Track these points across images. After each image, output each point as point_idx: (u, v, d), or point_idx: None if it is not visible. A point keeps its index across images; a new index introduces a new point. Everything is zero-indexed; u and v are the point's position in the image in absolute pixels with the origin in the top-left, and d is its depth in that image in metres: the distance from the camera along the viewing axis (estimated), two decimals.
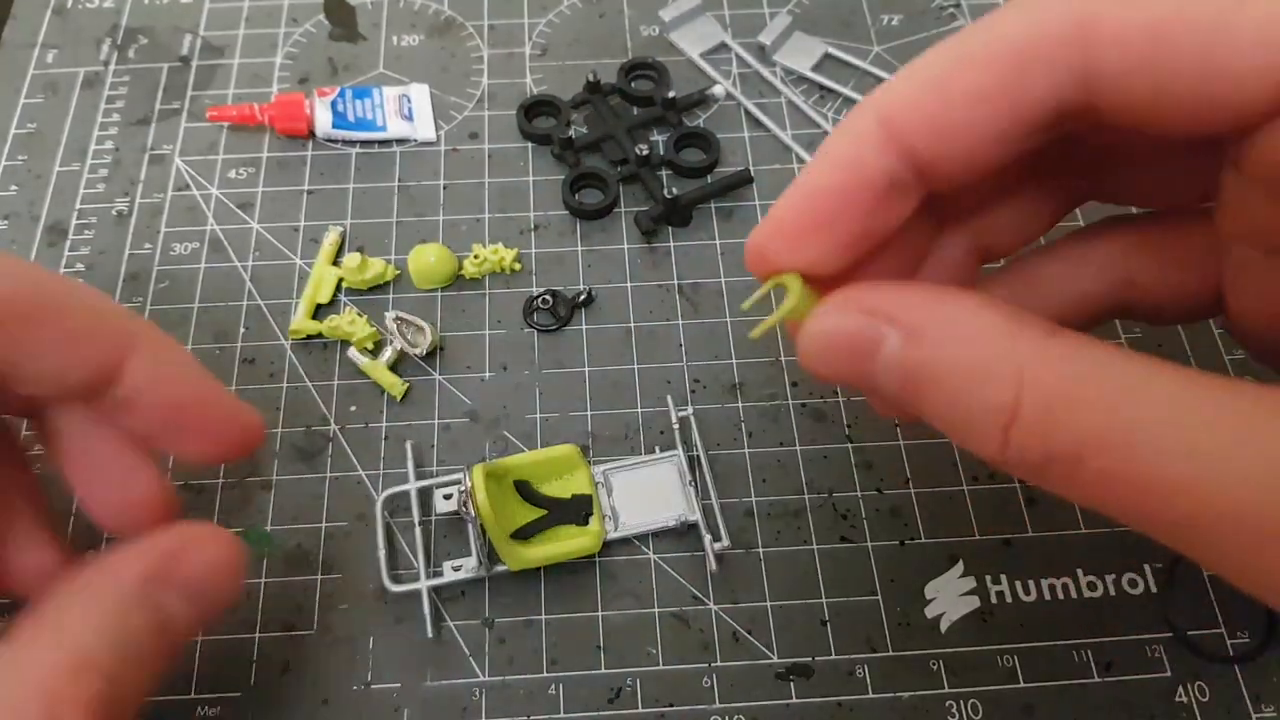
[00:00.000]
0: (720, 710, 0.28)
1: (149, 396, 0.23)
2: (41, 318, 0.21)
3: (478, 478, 0.27)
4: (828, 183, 0.20)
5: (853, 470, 0.32)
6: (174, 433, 0.24)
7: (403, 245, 0.36)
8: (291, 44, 0.41)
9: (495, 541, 0.28)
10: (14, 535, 0.25)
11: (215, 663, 0.28)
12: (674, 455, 0.31)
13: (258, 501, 0.31)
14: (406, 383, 0.33)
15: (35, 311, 0.21)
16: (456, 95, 0.40)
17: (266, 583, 0.30)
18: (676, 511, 0.30)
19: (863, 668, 0.28)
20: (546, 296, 0.34)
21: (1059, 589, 0.30)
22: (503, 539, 0.28)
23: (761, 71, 0.41)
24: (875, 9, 0.43)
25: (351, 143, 0.38)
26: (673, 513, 0.30)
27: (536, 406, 0.33)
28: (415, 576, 0.29)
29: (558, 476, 0.30)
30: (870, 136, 0.20)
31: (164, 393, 0.23)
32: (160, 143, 0.38)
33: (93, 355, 0.22)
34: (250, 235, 0.36)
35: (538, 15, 0.42)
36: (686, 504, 0.30)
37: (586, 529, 0.29)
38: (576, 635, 0.29)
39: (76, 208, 0.37)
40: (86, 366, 0.22)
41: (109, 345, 0.22)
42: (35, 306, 0.21)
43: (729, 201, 0.37)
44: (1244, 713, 0.28)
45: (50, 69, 0.40)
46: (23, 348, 0.21)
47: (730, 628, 0.29)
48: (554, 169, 0.38)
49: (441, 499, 0.30)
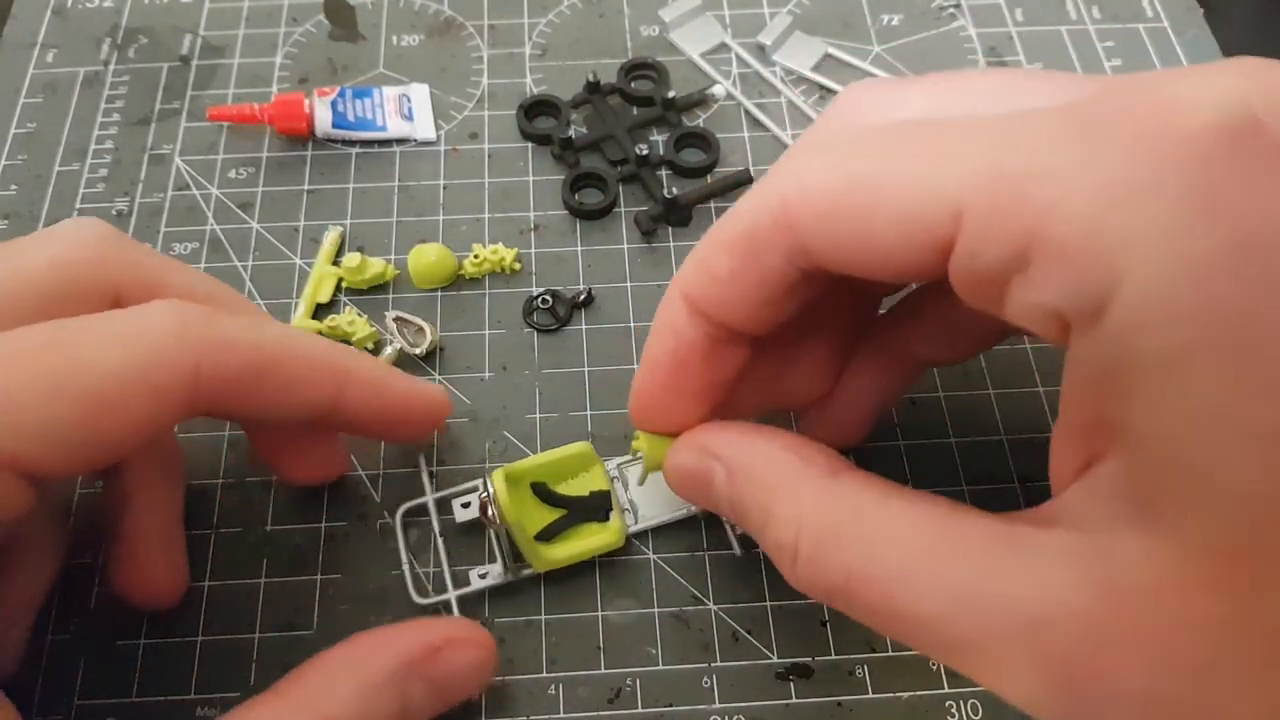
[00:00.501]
0: (720, 710, 0.28)
1: (364, 415, 0.27)
2: (266, 373, 0.24)
3: (499, 483, 0.27)
4: (660, 352, 0.24)
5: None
6: (385, 431, 0.29)
7: (402, 245, 0.36)
8: (291, 44, 0.41)
9: (521, 545, 0.28)
10: (152, 551, 0.28)
11: (215, 663, 0.28)
12: None
13: (258, 501, 0.31)
14: None
15: (261, 369, 0.24)
16: (456, 95, 0.40)
17: (266, 583, 0.30)
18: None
19: (862, 668, 0.28)
20: (546, 296, 0.34)
21: None
22: (528, 542, 0.28)
23: (761, 71, 0.41)
24: (875, 9, 0.43)
25: (351, 143, 0.38)
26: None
27: (536, 407, 0.33)
28: (442, 588, 0.29)
29: (573, 475, 0.30)
30: (679, 308, 0.23)
31: (374, 408, 0.27)
32: (160, 143, 0.38)
33: (312, 396, 0.25)
34: (250, 235, 0.36)
35: (538, 15, 0.42)
36: None
37: (608, 525, 0.29)
38: (576, 635, 0.29)
39: (76, 208, 0.37)
40: (308, 407, 0.25)
41: (325, 385, 0.25)
42: (261, 365, 0.24)
43: (729, 202, 0.37)
44: None
45: (50, 69, 0.40)
46: (254, 401, 0.24)
47: (730, 628, 0.29)
48: (554, 169, 0.38)
49: (460, 507, 0.30)
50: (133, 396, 0.21)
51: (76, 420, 0.21)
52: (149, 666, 0.28)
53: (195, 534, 0.30)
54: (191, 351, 0.22)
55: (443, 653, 0.26)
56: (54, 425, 0.21)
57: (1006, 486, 0.31)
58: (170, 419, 0.22)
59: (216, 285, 0.28)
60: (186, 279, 0.27)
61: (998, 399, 0.33)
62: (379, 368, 0.28)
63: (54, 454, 0.21)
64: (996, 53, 0.41)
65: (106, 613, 0.29)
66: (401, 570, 0.29)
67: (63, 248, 0.25)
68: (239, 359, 0.23)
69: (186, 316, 0.23)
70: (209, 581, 0.30)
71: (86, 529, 0.30)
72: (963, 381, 0.33)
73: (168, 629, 0.29)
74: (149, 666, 0.28)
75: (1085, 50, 0.41)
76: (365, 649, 0.25)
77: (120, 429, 0.21)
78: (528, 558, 0.28)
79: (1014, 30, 0.42)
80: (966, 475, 0.31)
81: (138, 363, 0.21)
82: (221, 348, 0.23)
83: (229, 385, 0.23)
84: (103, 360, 0.21)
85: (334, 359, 0.26)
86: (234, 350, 0.23)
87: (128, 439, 0.22)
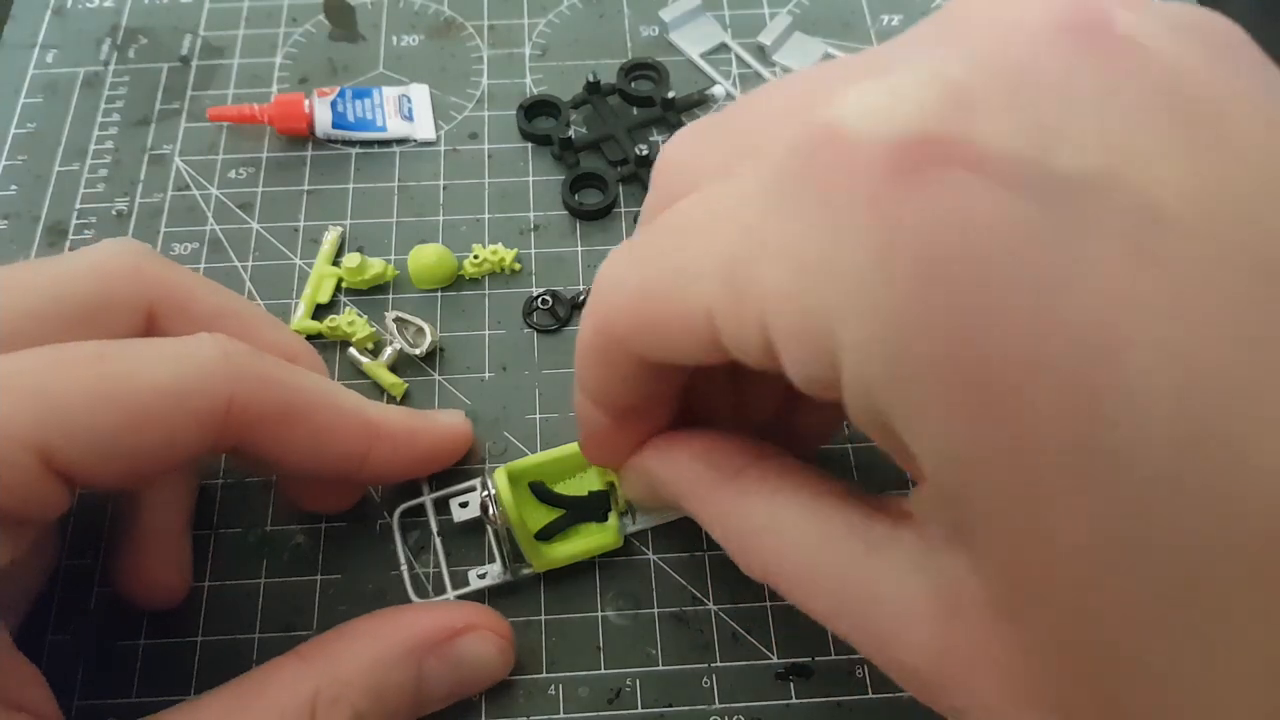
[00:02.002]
0: (720, 710, 0.28)
1: (390, 471, 0.28)
2: (296, 415, 0.24)
3: (501, 482, 0.27)
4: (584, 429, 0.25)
5: (853, 471, 0.32)
6: (411, 475, 0.30)
7: (402, 245, 0.36)
8: (291, 44, 0.41)
9: (522, 544, 0.28)
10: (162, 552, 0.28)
11: (215, 663, 0.28)
12: None
13: (258, 501, 0.31)
14: (406, 383, 0.33)
15: (291, 410, 0.24)
16: (456, 95, 0.40)
17: (266, 583, 0.30)
18: None
19: (862, 668, 0.28)
20: (546, 297, 0.34)
21: None
22: (529, 542, 0.28)
23: (761, 72, 0.41)
24: (875, 9, 0.43)
25: (351, 143, 0.38)
26: None
27: (536, 407, 0.33)
28: (441, 589, 0.29)
29: (570, 475, 0.30)
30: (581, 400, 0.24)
31: (401, 461, 0.28)
32: (160, 143, 0.38)
33: (338, 450, 0.26)
34: (250, 235, 0.36)
35: (538, 15, 0.42)
36: None
37: (606, 525, 0.29)
38: (576, 635, 0.29)
39: (76, 208, 0.37)
40: (333, 461, 0.26)
41: (353, 441, 0.26)
42: (291, 406, 0.24)
43: None
44: None
45: (50, 69, 0.40)
46: (279, 444, 0.24)
47: (730, 628, 0.29)
48: (554, 169, 0.38)
49: (458, 507, 0.30)
50: (174, 414, 0.22)
51: (119, 427, 0.21)
52: (149, 666, 0.28)
53: (195, 534, 0.30)
54: (228, 382, 0.23)
55: (463, 636, 0.26)
56: (98, 431, 0.21)
57: None
58: (201, 445, 0.23)
59: (249, 307, 0.29)
60: (219, 299, 0.27)
61: None
62: (408, 419, 0.28)
63: (95, 459, 0.21)
64: None
65: (106, 613, 0.29)
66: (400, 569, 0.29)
67: (101, 262, 0.25)
68: (272, 396, 0.24)
69: (228, 349, 0.23)
70: (209, 581, 0.30)
71: (86, 529, 0.30)
72: None
73: (168, 629, 0.29)
74: (149, 666, 0.28)
75: None
76: (388, 623, 0.26)
77: (156, 446, 0.22)
78: (528, 557, 0.28)
79: None
80: None
81: (180, 383, 0.22)
82: (257, 384, 0.23)
83: (260, 421, 0.24)
84: (148, 375, 0.22)
85: (365, 415, 0.26)
86: (268, 388, 0.24)
87: (161, 457, 0.22)
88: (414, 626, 0.26)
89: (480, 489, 0.28)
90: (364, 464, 0.26)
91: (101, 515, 0.30)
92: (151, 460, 0.22)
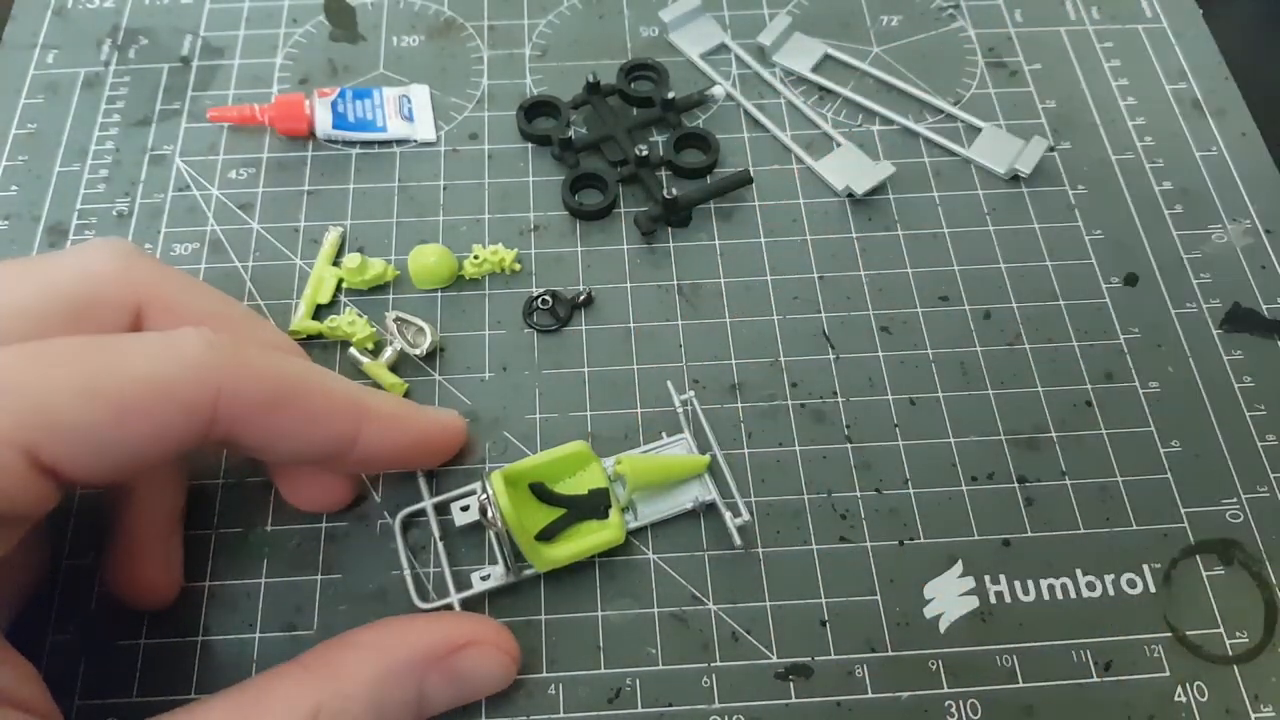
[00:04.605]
0: (720, 710, 0.28)
1: (382, 453, 0.27)
2: (285, 403, 0.24)
3: (499, 485, 0.27)
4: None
5: (852, 470, 0.32)
6: (402, 464, 0.30)
7: (403, 246, 0.36)
8: (291, 44, 0.41)
9: (522, 546, 0.28)
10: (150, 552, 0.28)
11: (215, 662, 0.28)
12: (681, 438, 0.31)
13: (258, 501, 0.31)
14: (406, 383, 0.33)
15: (280, 398, 0.24)
16: (456, 96, 0.40)
17: (266, 583, 0.30)
18: (693, 494, 0.30)
19: (862, 668, 0.28)
20: (546, 297, 0.34)
21: (1058, 589, 0.30)
22: (529, 543, 0.28)
23: (761, 72, 0.41)
24: (875, 10, 0.43)
25: (352, 143, 0.38)
26: (689, 495, 0.30)
27: (536, 407, 0.33)
28: (443, 592, 0.29)
29: (570, 474, 0.30)
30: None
31: (393, 446, 0.27)
32: (160, 143, 0.38)
33: (329, 432, 0.25)
34: (250, 236, 0.36)
35: (538, 16, 0.42)
36: (701, 485, 0.31)
37: (607, 522, 0.29)
38: (576, 635, 0.29)
39: (77, 208, 0.37)
40: (325, 443, 0.26)
41: (344, 421, 0.26)
42: (280, 394, 0.24)
43: (728, 202, 0.37)
44: (1243, 713, 0.28)
45: (50, 69, 0.40)
46: (270, 431, 0.24)
47: (730, 628, 0.29)
48: (554, 169, 0.38)
49: (459, 511, 0.30)
50: (160, 406, 0.22)
51: (105, 422, 0.21)
52: (149, 666, 0.28)
53: (195, 534, 0.30)
54: (215, 373, 0.23)
55: (466, 651, 0.26)
56: (84, 426, 0.21)
57: (1006, 487, 0.31)
58: (191, 438, 0.23)
59: (237, 307, 0.28)
60: (207, 300, 0.27)
61: (997, 399, 0.33)
62: (398, 405, 0.28)
63: (83, 455, 0.21)
64: (996, 53, 0.41)
65: (106, 613, 0.29)
66: (401, 571, 0.29)
67: (88, 261, 0.26)
68: (259, 386, 0.24)
69: (212, 340, 0.23)
70: (209, 581, 0.30)
71: (86, 529, 0.30)
72: (962, 381, 0.33)
73: (168, 629, 0.29)
74: (149, 666, 0.28)
75: (1084, 51, 0.41)
76: (391, 635, 0.26)
77: (144, 439, 0.22)
78: (529, 558, 0.28)
79: (1013, 31, 0.42)
80: (966, 475, 0.31)
81: (167, 375, 0.22)
82: (244, 374, 0.23)
83: (249, 411, 0.24)
84: (134, 369, 0.22)
85: (353, 396, 0.26)
86: (255, 377, 0.24)
87: (150, 450, 0.22)
88: (418, 640, 0.26)
89: (480, 493, 0.28)
90: (355, 446, 0.26)
91: (102, 515, 0.30)
92: (140, 454, 0.22)
